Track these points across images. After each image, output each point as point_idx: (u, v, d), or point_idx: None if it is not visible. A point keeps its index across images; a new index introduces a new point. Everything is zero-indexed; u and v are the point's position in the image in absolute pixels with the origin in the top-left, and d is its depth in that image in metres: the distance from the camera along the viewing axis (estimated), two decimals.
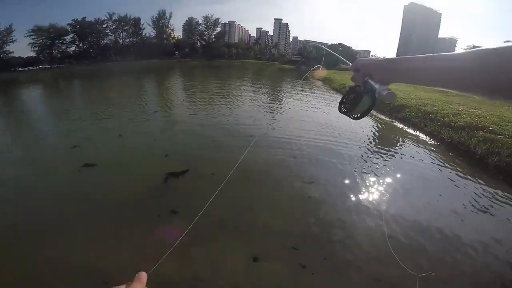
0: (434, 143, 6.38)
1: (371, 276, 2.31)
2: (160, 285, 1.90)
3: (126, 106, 9.28)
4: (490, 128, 6.70)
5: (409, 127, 7.67)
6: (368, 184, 4.00)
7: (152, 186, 3.63)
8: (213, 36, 73.30)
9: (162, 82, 19.99)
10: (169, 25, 69.27)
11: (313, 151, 5.17)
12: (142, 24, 66.12)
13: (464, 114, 8.18)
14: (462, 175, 4.59)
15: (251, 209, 3.15)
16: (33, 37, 54.74)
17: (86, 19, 60.51)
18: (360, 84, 0.67)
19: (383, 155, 5.27)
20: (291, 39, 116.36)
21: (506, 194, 3.94)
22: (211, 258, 2.43)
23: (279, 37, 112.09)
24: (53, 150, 5.17)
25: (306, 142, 5.68)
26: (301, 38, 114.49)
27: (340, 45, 79.57)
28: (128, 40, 65.87)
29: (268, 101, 11.99)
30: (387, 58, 0.62)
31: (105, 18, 62.75)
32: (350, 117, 0.70)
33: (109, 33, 64.00)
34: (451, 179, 4.40)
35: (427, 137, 6.82)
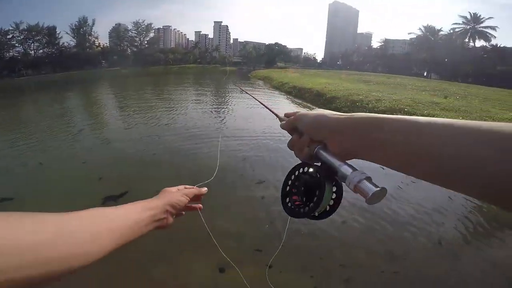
0: None
1: (338, 263, 2.49)
2: None
3: (44, 128, 7.89)
4: (405, 109, 7.88)
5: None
6: None
7: None
8: (146, 42, 68.63)
9: (87, 95, 17.67)
10: (92, 33, 62.10)
11: (261, 150, 5.26)
12: (59, 33, 57.59)
13: (384, 99, 9.44)
14: None
15: (208, 218, 3.01)
16: None
17: None
18: (309, 162, 0.41)
19: None
20: (231, 41, 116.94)
21: None
22: (175, 276, 2.29)
23: (219, 40, 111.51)
24: None
25: (255, 141, 5.76)
26: (241, 39, 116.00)
27: (276, 44, 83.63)
28: (41, 51, 56.60)
29: (213, 105, 11.80)
30: (355, 116, 0.36)
31: (11, 28, 52.43)
32: (306, 217, 0.41)
33: (17, 45, 53.86)
34: None
35: None
